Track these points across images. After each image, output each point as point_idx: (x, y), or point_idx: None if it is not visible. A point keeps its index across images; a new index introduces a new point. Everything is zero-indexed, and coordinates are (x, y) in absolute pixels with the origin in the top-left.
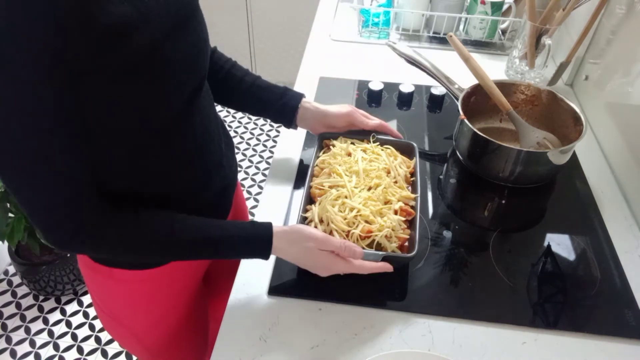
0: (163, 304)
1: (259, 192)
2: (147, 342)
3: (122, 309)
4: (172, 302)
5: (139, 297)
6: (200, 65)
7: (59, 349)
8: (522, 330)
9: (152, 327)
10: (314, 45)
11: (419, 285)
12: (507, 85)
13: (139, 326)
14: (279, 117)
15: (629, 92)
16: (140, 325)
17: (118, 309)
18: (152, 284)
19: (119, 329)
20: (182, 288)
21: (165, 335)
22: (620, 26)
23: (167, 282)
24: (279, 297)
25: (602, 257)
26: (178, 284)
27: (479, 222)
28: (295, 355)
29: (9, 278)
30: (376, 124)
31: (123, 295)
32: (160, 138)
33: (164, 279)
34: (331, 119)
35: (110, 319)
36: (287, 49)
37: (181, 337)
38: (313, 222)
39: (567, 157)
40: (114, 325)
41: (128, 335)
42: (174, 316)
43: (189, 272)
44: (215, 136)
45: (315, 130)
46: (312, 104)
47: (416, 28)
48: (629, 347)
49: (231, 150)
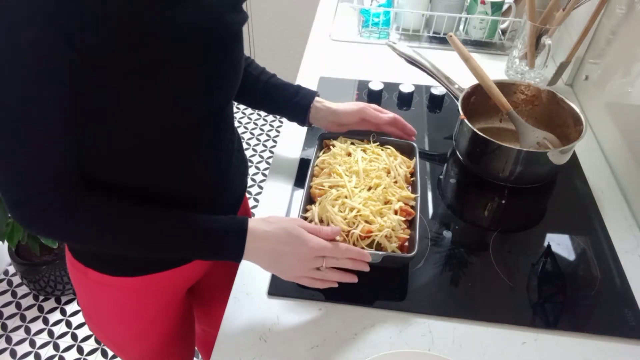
0: (143, 316)
1: (259, 192)
2: (130, 353)
3: (103, 317)
4: (155, 314)
5: (117, 304)
6: (222, 91)
7: (59, 349)
8: (522, 330)
9: (131, 339)
10: (314, 45)
11: (419, 285)
12: (507, 85)
13: (117, 336)
14: (292, 116)
15: (629, 92)
16: (122, 338)
17: (99, 317)
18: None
19: (102, 337)
20: (165, 300)
21: (146, 348)
22: (620, 26)
23: (146, 293)
24: (279, 297)
25: (602, 257)
26: (158, 296)
27: (479, 222)
28: (295, 355)
29: (9, 278)
30: (390, 118)
31: (100, 298)
32: (173, 147)
33: (146, 290)
34: (342, 117)
35: (95, 328)
36: (287, 49)
37: (164, 351)
38: (313, 222)
39: (567, 157)
40: (99, 334)
41: (110, 345)
42: (156, 329)
43: (171, 284)
44: (227, 152)
45: (328, 128)
46: (324, 103)
47: (416, 28)
48: (629, 347)
49: (244, 169)
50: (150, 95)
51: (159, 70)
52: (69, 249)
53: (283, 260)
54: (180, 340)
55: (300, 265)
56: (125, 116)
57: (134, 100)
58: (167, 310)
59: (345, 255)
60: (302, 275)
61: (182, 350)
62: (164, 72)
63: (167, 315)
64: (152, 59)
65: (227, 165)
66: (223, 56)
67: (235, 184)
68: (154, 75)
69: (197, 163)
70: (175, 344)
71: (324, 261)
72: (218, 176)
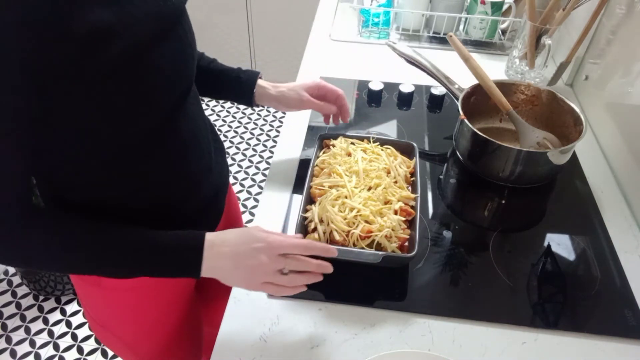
0: (153, 313)
1: (259, 192)
2: (138, 350)
3: (112, 317)
4: (163, 310)
5: (127, 306)
6: (187, 71)
7: (59, 349)
8: (522, 330)
9: (143, 336)
10: (314, 45)
11: (419, 285)
12: (507, 85)
13: (129, 335)
14: (237, 98)
15: (629, 92)
16: (131, 334)
17: (107, 318)
18: (140, 292)
19: (110, 338)
20: (173, 296)
21: (156, 344)
22: (620, 26)
23: (156, 291)
24: (279, 297)
25: (602, 257)
26: (168, 292)
27: (479, 222)
28: (295, 355)
29: (9, 278)
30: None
31: (112, 304)
32: (146, 144)
33: (153, 288)
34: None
35: (101, 328)
36: (287, 49)
37: (174, 345)
38: (313, 222)
39: (567, 157)
40: (105, 335)
41: (119, 344)
42: (165, 324)
43: (180, 281)
44: (204, 141)
45: (279, 107)
46: (270, 84)
47: (416, 28)
48: (629, 347)
49: (222, 155)
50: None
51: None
52: None
53: (244, 263)
54: (191, 331)
55: (262, 268)
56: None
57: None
58: (178, 305)
59: (307, 251)
60: (266, 280)
61: (193, 340)
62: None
63: (177, 309)
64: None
65: (207, 153)
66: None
67: (214, 173)
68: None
69: (174, 158)
70: (184, 335)
71: (286, 263)
72: (199, 165)
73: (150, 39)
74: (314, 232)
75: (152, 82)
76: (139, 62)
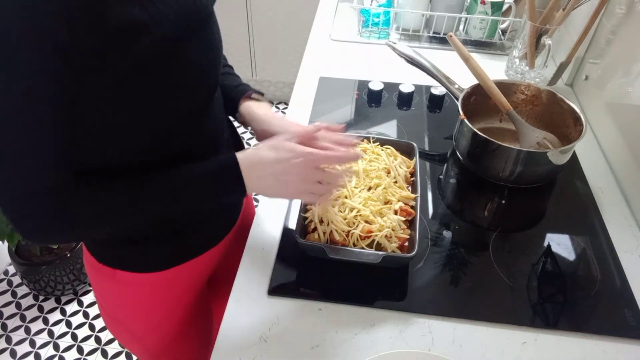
0: (164, 307)
1: None
2: (147, 343)
3: (124, 310)
4: (173, 305)
5: (140, 300)
6: (212, 72)
7: (59, 349)
8: (522, 330)
9: (153, 329)
10: (314, 45)
11: (419, 285)
12: (507, 85)
13: (140, 328)
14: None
15: (629, 92)
16: (141, 327)
17: (119, 310)
18: (154, 287)
19: (120, 329)
20: (185, 292)
21: (166, 338)
22: (620, 26)
23: (169, 286)
24: (279, 297)
25: (602, 257)
26: (180, 287)
27: (479, 222)
28: (295, 355)
29: (9, 278)
30: None
31: (125, 297)
32: (168, 141)
33: (166, 283)
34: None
35: (112, 319)
36: (287, 49)
37: (183, 340)
38: (313, 223)
39: (567, 157)
40: (115, 326)
41: (129, 336)
42: (175, 319)
43: (192, 276)
44: (224, 142)
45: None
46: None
47: (416, 28)
48: (629, 347)
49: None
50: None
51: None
52: (92, 254)
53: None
54: (195, 334)
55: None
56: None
57: (135, 99)
58: (189, 300)
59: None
60: (306, 190)
61: (201, 335)
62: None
63: (187, 304)
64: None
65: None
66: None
67: None
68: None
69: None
70: (193, 330)
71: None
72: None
73: (179, 37)
74: (314, 232)
75: (178, 81)
76: (166, 60)
